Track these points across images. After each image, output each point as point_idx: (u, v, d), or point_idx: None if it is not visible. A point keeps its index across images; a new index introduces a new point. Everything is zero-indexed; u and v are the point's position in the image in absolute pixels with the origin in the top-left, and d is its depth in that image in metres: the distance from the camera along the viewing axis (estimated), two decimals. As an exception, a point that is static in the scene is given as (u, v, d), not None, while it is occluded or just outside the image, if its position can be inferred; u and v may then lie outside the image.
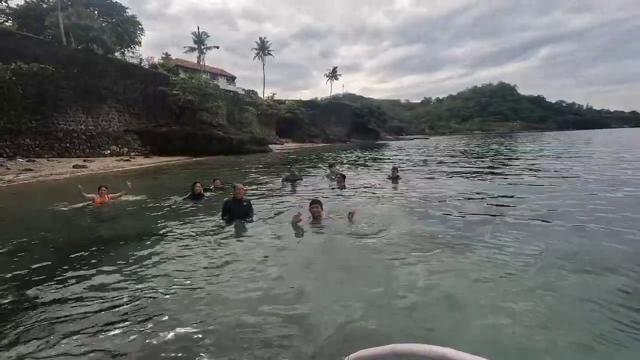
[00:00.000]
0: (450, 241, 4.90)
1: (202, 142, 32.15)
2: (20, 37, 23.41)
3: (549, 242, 4.74)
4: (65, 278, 3.97)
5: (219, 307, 3.21)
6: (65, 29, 29.33)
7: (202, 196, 8.48)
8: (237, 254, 4.64)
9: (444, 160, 20.05)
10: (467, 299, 3.28)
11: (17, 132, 21.38)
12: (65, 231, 6.39)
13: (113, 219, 7.27)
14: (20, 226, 6.98)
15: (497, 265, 3.99)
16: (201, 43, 53.01)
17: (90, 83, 27.09)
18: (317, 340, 2.65)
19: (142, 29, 43.40)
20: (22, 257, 4.84)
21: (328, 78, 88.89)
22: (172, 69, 48.05)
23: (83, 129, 26.30)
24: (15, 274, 4.17)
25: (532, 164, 15.59)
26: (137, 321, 2.98)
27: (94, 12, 38.55)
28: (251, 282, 3.71)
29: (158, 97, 33.58)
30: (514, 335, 2.67)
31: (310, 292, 3.47)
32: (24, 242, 5.58)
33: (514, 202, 7.40)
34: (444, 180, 11.48)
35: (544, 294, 3.32)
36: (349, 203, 7.84)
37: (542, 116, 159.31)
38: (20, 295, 3.58)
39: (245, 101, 54.27)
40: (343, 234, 5.36)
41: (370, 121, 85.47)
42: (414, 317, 2.99)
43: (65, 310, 3.21)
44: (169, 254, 4.72)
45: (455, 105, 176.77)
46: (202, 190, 8.55)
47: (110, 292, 3.57)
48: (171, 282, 3.81)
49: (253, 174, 15.97)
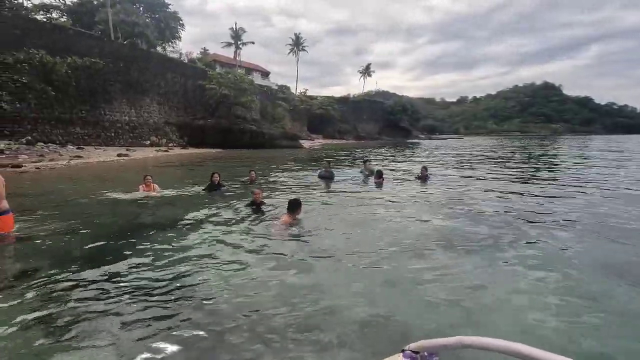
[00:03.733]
0: (477, 244, 4.76)
1: (236, 135, 32.99)
2: (73, 33, 24.99)
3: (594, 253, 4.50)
4: (110, 258, 4.26)
5: (251, 294, 3.32)
6: (113, 24, 31.04)
7: (221, 187, 8.88)
8: (269, 245, 4.75)
9: (478, 161, 19.36)
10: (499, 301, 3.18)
11: (69, 121, 22.95)
12: (112, 215, 6.80)
13: (155, 206, 7.65)
14: (74, 208, 7.51)
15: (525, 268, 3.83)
16: (238, 39, 54.15)
17: (134, 77, 28.54)
18: (344, 331, 2.67)
19: (182, 25, 45.08)
20: (75, 237, 5.21)
21: (361, 74, 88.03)
22: (209, 63, 49.50)
23: (127, 120, 27.77)
24: (68, 251, 4.51)
25: (583, 171, 14.71)
26: (174, 303, 3.14)
27: (139, 8, 40.46)
28: (277, 272, 3.81)
29: (196, 91, 34.81)
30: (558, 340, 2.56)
31: (334, 284, 3.50)
32: (77, 223, 6.01)
33: (547, 210, 7.03)
34: (477, 182, 11.10)
35: (590, 304, 3.16)
36: (372, 197, 7.80)
37: (588, 118, 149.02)
38: (71, 271, 3.86)
39: (278, 96, 54.96)
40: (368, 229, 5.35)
41: (402, 119, 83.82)
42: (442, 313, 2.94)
43: (111, 288, 3.44)
44: (200, 242, 4.95)
45: (493, 104, 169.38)
46: (219, 181, 8.93)
47: (148, 273, 3.81)
48: (203, 267, 4.00)
49: (287, 168, 16.19)
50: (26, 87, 17.20)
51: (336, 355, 2.48)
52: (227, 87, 34.28)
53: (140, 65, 29.38)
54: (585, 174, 13.15)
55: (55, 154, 18.23)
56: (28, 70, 17.61)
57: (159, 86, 31.22)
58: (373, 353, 2.45)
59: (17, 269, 3.93)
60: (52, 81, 19.55)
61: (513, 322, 2.96)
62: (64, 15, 36.55)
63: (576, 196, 8.47)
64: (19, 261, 4.20)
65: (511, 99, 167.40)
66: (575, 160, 19.73)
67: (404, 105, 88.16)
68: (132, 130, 27.91)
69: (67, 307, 3.10)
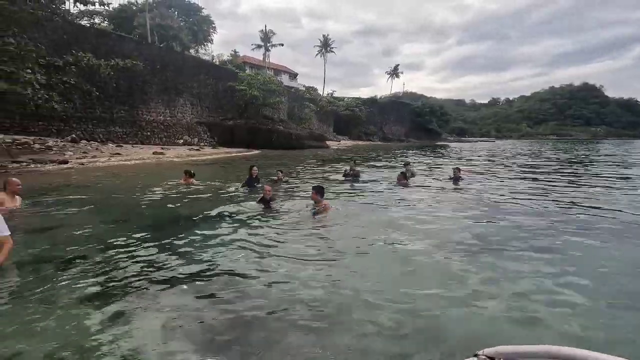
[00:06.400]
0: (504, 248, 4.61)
1: (264, 136, 33.57)
2: (116, 37, 26.39)
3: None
4: (151, 246, 4.58)
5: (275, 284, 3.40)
6: (150, 28, 32.52)
7: (258, 181, 9.13)
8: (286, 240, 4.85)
9: (512, 163, 18.67)
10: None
11: (110, 120, 24.27)
12: (152, 207, 7.17)
13: (192, 199, 7.98)
14: (118, 199, 7.98)
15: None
16: (267, 41, 55.11)
17: (170, 78, 29.72)
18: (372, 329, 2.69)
19: (214, 28, 46.51)
20: (121, 226, 5.56)
21: (389, 76, 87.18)
22: (239, 65, 50.72)
23: (162, 120, 28.97)
24: (114, 240, 4.81)
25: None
26: (210, 288, 3.29)
27: (174, 12, 42.14)
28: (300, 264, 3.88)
29: (227, 92, 35.79)
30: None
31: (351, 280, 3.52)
32: (121, 214, 6.39)
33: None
34: (513, 185, 10.73)
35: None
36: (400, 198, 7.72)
37: (632, 122, 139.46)
38: (118, 258, 4.12)
39: (305, 98, 55.43)
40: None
41: (431, 121, 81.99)
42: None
43: (152, 274, 3.65)
44: (228, 233, 5.18)
45: (527, 106, 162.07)
46: (257, 175, 9.18)
47: (185, 260, 4.05)
48: (229, 257, 4.23)
49: (312, 168, 16.35)
50: (73, 87, 18.33)
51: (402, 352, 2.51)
52: (257, 89, 34.99)
53: (176, 67, 30.56)
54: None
55: (97, 151, 19.30)
56: (75, 72, 18.77)
57: (192, 87, 32.33)
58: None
59: (61, 255, 4.24)
60: (95, 82, 20.76)
61: (560, 328, 2.84)
62: (105, 20, 38.68)
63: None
64: (64, 248, 4.51)
65: (547, 100, 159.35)
66: (616, 163, 18.62)
67: (432, 107, 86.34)
68: (167, 129, 29.05)
69: (112, 289, 3.33)
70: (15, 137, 17.46)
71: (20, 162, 13.88)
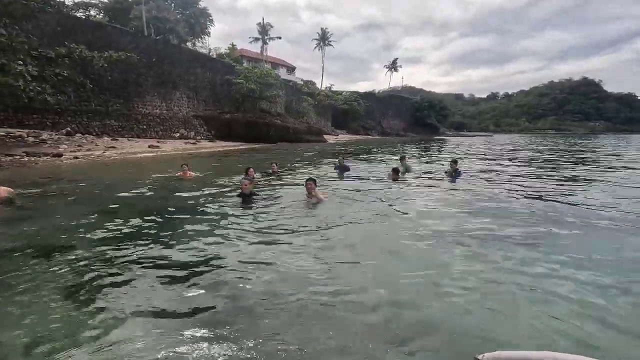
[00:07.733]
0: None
1: (261, 129, 33.44)
2: (111, 29, 26.10)
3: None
4: (137, 237, 4.53)
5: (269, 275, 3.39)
6: (146, 20, 32.17)
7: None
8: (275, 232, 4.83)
9: (510, 157, 18.66)
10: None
11: (105, 113, 24.09)
12: (141, 200, 7.14)
13: (188, 191, 7.95)
14: (110, 192, 7.94)
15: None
16: (265, 34, 54.66)
17: (166, 71, 29.47)
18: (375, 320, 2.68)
19: (211, 21, 46.04)
20: (109, 218, 5.52)
21: (388, 69, 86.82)
22: (236, 58, 50.32)
23: (158, 113, 28.79)
24: (101, 231, 4.79)
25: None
26: (203, 283, 3.27)
27: (171, 4, 41.69)
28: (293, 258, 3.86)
29: (223, 85, 35.56)
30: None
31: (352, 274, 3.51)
32: (113, 205, 6.36)
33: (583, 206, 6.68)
34: (511, 179, 10.71)
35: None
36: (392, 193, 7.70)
37: (631, 117, 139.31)
38: (106, 250, 4.09)
39: (303, 91, 55.10)
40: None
41: (430, 115, 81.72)
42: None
43: (146, 265, 3.63)
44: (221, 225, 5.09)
45: (526, 101, 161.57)
46: (254, 175, 9.05)
47: (179, 253, 4.01)
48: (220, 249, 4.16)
49: (308, 161, 16.31)
50: (67, 80, 18.14)
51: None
52: (253, 82, 34.77)
53: (172, 60, 30.30)
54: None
55: (92, 144, 19.20)
56: (68, 64, 18.56)
57: (188, 80, 32.09)
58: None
59: (50, 245, 4.21)
60: (89, 75, 20.57)
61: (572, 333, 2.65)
62: (101, 12, 38.24)
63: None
64: (50, 240, 4.49)
65: (546, 95, 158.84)
66: (614, 157, 18.61)
67: (431, 102, 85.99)
68: (163, 122, 28.89)
69: (94, 280, 3.31)
70: (9, 130, 17.34)
71: (13, 155, 13.80)
